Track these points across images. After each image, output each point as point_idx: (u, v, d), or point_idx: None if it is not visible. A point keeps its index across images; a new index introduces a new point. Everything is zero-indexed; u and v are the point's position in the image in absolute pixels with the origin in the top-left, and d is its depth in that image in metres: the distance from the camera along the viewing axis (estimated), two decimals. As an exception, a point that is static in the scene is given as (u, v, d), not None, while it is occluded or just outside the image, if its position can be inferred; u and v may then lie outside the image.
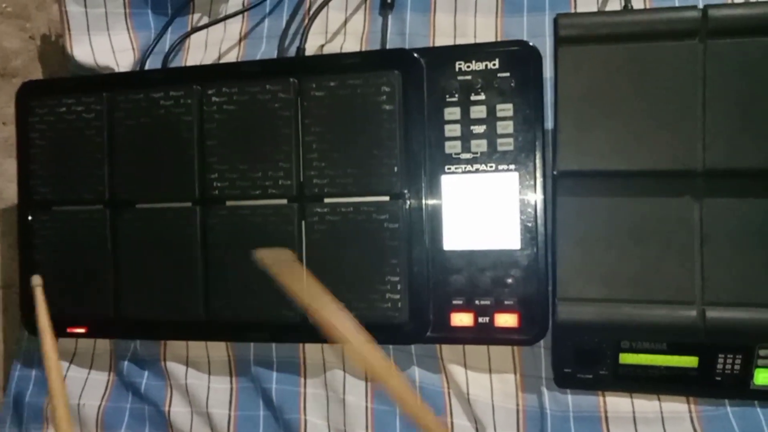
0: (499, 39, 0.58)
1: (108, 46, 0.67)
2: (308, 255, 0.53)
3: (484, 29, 0.60)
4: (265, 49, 0.65)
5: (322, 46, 0.64)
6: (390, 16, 0.63)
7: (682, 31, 0.46)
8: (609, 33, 0.48)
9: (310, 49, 0.63)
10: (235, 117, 0.55)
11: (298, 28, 0.66)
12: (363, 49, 0.61)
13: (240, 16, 0.68)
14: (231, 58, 0.66)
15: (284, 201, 0.54)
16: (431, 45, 0.60)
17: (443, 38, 0.61)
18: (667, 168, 0.47)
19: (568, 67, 0.48)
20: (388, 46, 0.61)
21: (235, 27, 0.68)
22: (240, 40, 0.67)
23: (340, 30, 0.65)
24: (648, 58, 0.47)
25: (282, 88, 0.54)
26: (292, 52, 0.63)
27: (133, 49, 0.67)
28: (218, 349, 0.59)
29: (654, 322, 0.47)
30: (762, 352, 0.47)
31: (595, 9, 0.56)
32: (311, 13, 0.65)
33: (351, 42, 0.64)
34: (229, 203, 0.55)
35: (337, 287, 0.52)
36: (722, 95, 0.46)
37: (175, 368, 0.59)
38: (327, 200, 0.53)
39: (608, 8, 0.56)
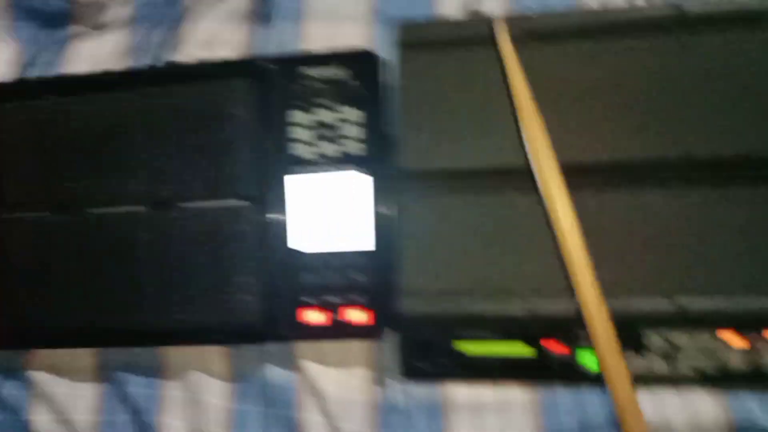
0: (371, 46, 0.61)
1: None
2: (156, 256, 0.54)
3: (353, 39, 0.63)
4: (148, 61, 0.66)
5: (194, 56, 0.65)
6: (263, 27, 0.65)
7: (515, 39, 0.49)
8: (450, 39, 0.51)
9: (189, 60, 0.65)
10: (90, 129, 0.56)
11: (179, 40, 0.68)
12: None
13: (119, 26, 0.69)
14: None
15: (141, 208, 0.55)
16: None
17: (314, 46, 0.63)
18: (504, 166, 0.50)
19: (410, 71, 0.51)
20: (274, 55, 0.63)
21: (112, 37, 0.69)
22: (121, 52, 0.68)
23: (213, 40, 0.67)
24: (479, 61, 0.50)
25: (132, 98, 0.55)
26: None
27: (13, 60, 0.68)
28: (83, 356, 0.59)
29: (488, 313, 0.50)
30: (582, 333, 0.49)
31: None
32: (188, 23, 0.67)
33: (223, 53, 0.65)
34: (88, 210, 0.56)
35: (190, 289, 0.53)
36: (552, 93, 0.49)
37: (39, 376, 0.59)
38: (181, 205, 0.55)
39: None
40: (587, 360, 0.50)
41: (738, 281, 0.47)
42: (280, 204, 0.54)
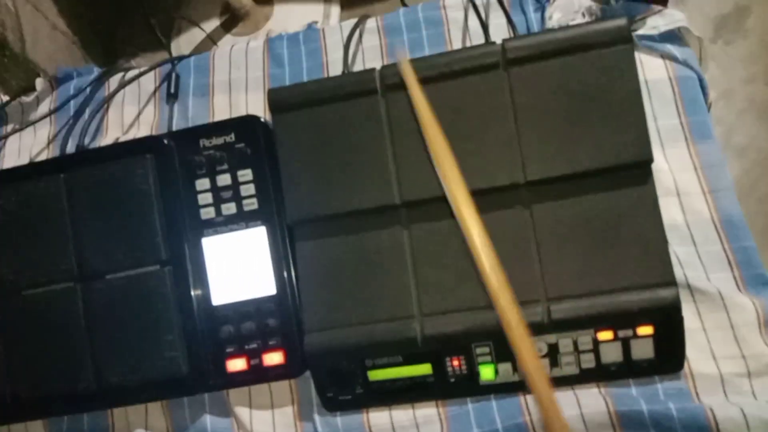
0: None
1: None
2: (90, 327, 0.58)
3: (253, 104, 0.69)
4: (71, 149, 0.72)
5: (117, 138, 0.71)
6: (176, 104, 0.72)
7: (364, 91, 0.55)
8: (313, 98, 0.56)
9: (110, 141, 0.71)
10: (18, 216, 0.61)
11: (98, 126, 0.74)
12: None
13: (48, 121, 0.76)
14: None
15: (70, 283, 0.60)
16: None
17: (221, 116, 0.70)
18: (373, 205, 0.55)
19: (283, 131, 0.56)
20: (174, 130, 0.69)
21: (43, 131, 0.75)
22: (48, 143, 0.75)
23: (135, 122, 0.73)
24: (340, 115, 0.55)
25: (52, 184, 0.60)
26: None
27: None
28: (36, 428, 0.63)
29: (384, 339, 0.54)
30: (478, 350, 0.53)
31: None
32: (107, 108, 0.74)
33: (143, 131, 0.72)
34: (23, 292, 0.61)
35: (122, 352, 0.58)
36: (404, 135, 0.54)
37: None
38: (107, 276, 0.60)
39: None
40: (486, 373, 0.54)
41: (603, 283, 0.51)
42: (196, 265, 0.59)
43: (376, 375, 0.55)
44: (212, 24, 1.17)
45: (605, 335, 0.51)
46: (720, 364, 0.52)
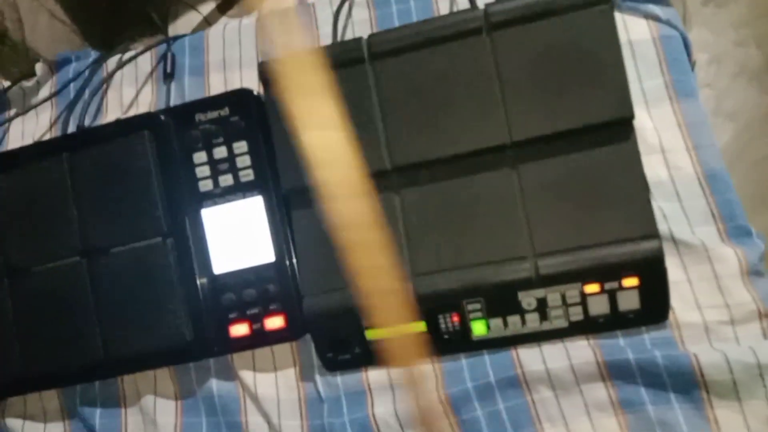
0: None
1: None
2: (97, 299, 0.61)
3: (248, 81, 0.70)
4: (72, 131, 0.74)
5: (117, 118, 0.73)
6: (172, 84, 0.73)
7: (352, 60, 0.56)
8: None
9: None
10: (24, 196, 0.63)
11: (98, 107, 0.76)
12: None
13: (49, 104, 0.78)
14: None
15: (76, 258, 0.62)
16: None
17: (217, 92, 0.71)
18: (374, 170, 0.56)
19: (275, 103, 0.58)
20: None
21: (45, 115, 0.77)
22: (50, 126, 0.77)
23: (133, 102, 0.75)
24: (333, 83, 0.56)
25: (55, 164, 0.62)
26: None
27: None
28: (50, 399, 0.66)
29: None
30: (469, 307, 0.55)
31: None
32: (106, 89, 0.75)
33: (142, 111, 0.73)
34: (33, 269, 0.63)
35: (129, 322, 0.60)
36: (392, 102, 0.56)
37: (13, 423, 0.66)
38: (112, 250, 0.62)
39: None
40: (479, 329, 0.56)
41: (588, 237, 0.52)
42: (196, 235, 0.61)
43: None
44: (208, 7, 1.19)
45: (592, 288, 0.53)
46: (704, 313, 0.53)
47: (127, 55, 0.77)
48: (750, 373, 0.50)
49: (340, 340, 0.58)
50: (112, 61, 0.78)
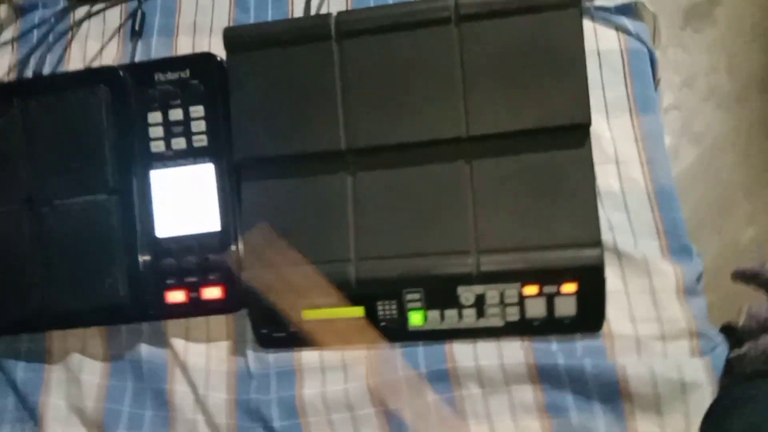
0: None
1: None
2: (36, 250, 0.59)
3: (216, 48, 0.69)
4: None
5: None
6: (139, 43, 0.72)
7: (318, 36, 0.55)
8: (268, 39, 0.57)
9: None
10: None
11: (60, 58, 0.74)
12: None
13: (9, 49, 0.76)
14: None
15: (17, 206, 0.60)
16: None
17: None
18: (319, 150, 0.56)
19: (237, 70, 0.57)
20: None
21: (4, 59, 0.75)
22: (8, 71, 0.74)
23: (97, 57, 0.73)
24: (293, 58, 0.56)
25: (5, 109, 0.61)
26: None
27: None
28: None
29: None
30: (408, 297, 0.55)
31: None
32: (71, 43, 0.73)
33: (107, 66, 0.72)
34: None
35: (65, 277, 0.59)
36: (354, 83, 0.55)
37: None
38: (55, 202, 0.60)
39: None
40: (416, 319, 0.56)
41: (532, 239, 0.53)
42: (142, 196, 0.60)
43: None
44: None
45: (531, 290, 0.53)
46: (638, 326, 0.54)
47: (96, 7, 0.75)
48: (673, 389, 0.51)
49: (276, 317, 0.57)
50: (80, 12, 0.75)
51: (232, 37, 0.57)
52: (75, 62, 0.73)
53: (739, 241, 0.91)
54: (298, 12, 0.69)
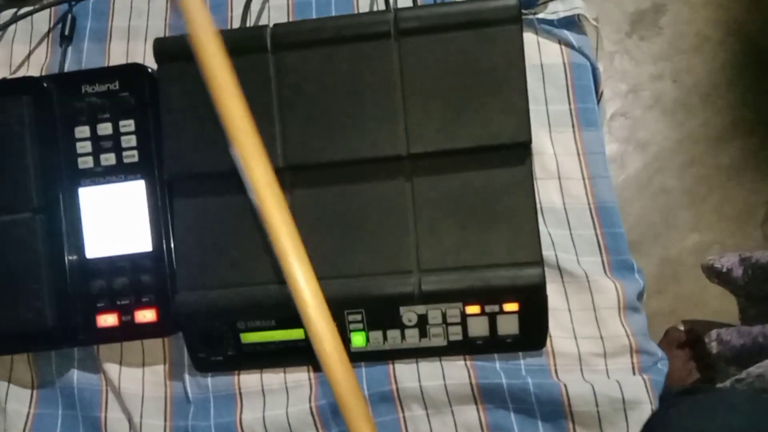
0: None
1: None
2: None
3: (152, 54, 0.66)
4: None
5: (4, 78, 0.67)
6: (69, 48, 0.68)
7: (254, 48, 0.53)
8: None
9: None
10: None
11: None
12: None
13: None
14: None
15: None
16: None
17: (116, 63, 0.67)
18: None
19: (167, 82, 0.54)
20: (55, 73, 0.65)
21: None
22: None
23: (24, 62, 0.69)
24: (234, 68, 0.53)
25: None
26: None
27: None
28: None
29: (257, 302, 0.53)
30: (351, 318, 0.54)
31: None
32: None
33: (32, 72, 0.68)
34: None
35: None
36: (291, 97, 0.53)
37: None
38: (-27, 221, 0.56)
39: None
40: (358, 340, 0.54)
41: (474, 258, 0.52)
42: (70, 215, 0.57)
43: (248, 338, 0.55)
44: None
45: (473, 309, 0.52)
46: (580, 343, 0.54)
47: (24, 10, 0.71)
48: (614, 407, 0.51)
49: (213, 341, 0.55)
50: (5, 15, 0.71)
51: (162, 48, 0.54)
52: (0, 67, 0.69)
53: (682, 247, 0.93)
54: (237, 18, 0.67)
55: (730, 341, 0.65)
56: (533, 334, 0.53)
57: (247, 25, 0.63)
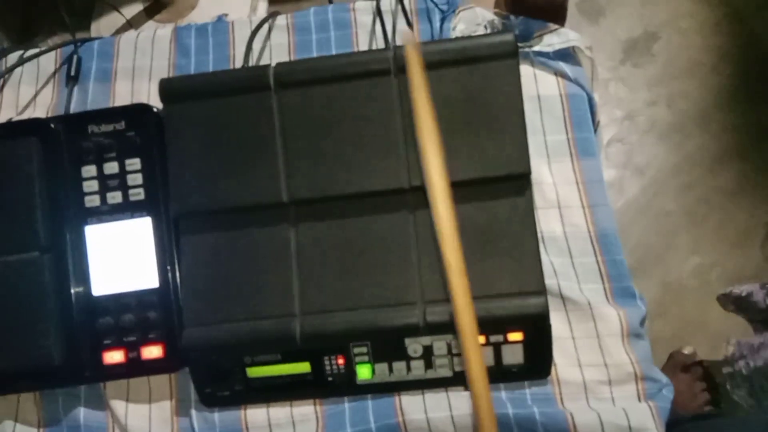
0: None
1: None
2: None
3: (156, 93, 0.67)
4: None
5: (11, 118, 0.69)
6: (75, 88, 0.69)
7: (257, 86, 0.55)
8: (206, 90, 0.56)
9: (2, 121, 0.68)
10: None
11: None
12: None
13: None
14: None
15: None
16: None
17: (122, 103, 0.68)
18: (260, 202, 0.54)
19: (174, 122, 0.55)
20: (62, 114, 0.67)
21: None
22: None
23: (30, 103, 0.71)
24: (232, 109, 0.55)
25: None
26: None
27: None
28: None
29: (264, 336, 0.54)
30: (356, 350, 0.54)
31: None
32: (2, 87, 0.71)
33: (39, 113, 0.69)
34: None
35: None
36: (295, 134, 0.54)
37: None
38: (-18, 261, 0.57)
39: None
40: (363, 373, 0.55)
41: (477, 289, 0.52)
42: (77, 253, 0.57)
43: (255, 372, 0.55)
44: (135, 9, 1.15)
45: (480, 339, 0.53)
46: (584, 371, 0.54)
47: (30, 52, 0.73)
48: (620, 434, 0.51)
49: (220, 376, 0.55)
50: (13, 57, 0.73)
51: (168, 88, 0.56)
52: (7, 109, 0.70)
53: (683, 270, 0.93)
54: (240, 55, 0.68)
55: (747, 343, 0.65)
56: (538, 363, 0.54)
57: (250, 63, 0.65)
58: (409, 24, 0.63)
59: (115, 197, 0.57)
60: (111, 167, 0.58)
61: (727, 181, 0.98)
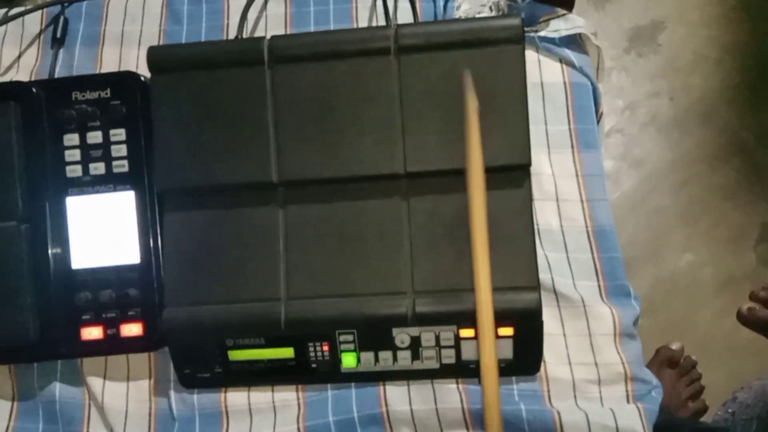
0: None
1: None
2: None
3: (145, 61, 0.65)
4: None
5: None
6: (61, 51, 0.67)
7: (250, 60, 0.52)
8: (195, 61, 0.53)
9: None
10: None
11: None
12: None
13: None
14: None
15: None
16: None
17: (109, 69, 0.65)
18: (249, 181, 0.52)
19: (161, 92, 0.53)
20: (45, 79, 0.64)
21: None
22: None
23: (14, 65, 0.68)
24: (223, 82, 0.52)
25: None
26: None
27: None
28: None
29: (247, 320, 0.52)
30: (342, 338, 0.53)
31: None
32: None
33: (22, 76, 0.66)
34: None
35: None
36: (287, 111, 0.52)
37: None
38: (-42, 228, 0.55)
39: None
40: (348, 361, 0.53)
41: (469, 281, 0.51)
42: (57, 225, 0.55)
43: (236, 355, 0.54)
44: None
45: (467, 332, 0.51)
46: (574, 369, 0.53)
47: (14, 11, 0.69)
48: (607, 435, 0.50)
49: (200, 357, 0.54)
50: (-4, 16, 0.70)
51: (157, 56, 0.53)
52: (-10, 71, 0.68)
53: (675, 267, 0.93)
54: (234, 25, 0.65)
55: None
56: (528, 359, 0.52)
57: (244, 34, 0.62)
58: (412, 2, 0.60)
59: (97, 168, 0.55)
60: (95, 137, 0.55)
61: (724, 179, 0.97)
